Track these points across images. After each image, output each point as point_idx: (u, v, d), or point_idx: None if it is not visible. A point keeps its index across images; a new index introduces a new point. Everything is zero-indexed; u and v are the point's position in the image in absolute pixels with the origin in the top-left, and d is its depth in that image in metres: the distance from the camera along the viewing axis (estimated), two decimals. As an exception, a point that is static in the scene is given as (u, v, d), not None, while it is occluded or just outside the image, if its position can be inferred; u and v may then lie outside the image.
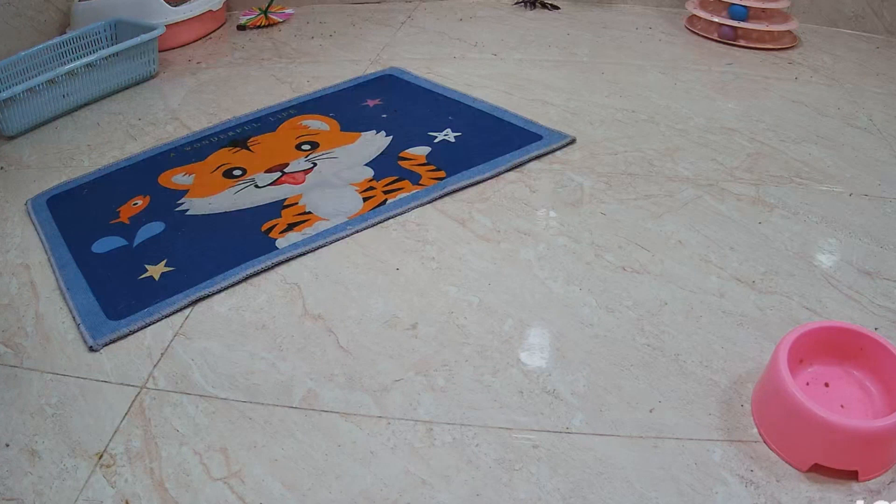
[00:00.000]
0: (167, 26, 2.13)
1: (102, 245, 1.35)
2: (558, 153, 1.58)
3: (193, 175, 1.56)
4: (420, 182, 1.47)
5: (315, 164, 1.56)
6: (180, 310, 1.18)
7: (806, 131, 1.73)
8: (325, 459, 0.92)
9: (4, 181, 1.61)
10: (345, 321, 1.15)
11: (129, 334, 1.13)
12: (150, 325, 1.15)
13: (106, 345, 1.11)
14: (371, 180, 1.49)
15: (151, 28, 2.04)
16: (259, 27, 2.44)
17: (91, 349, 1.10)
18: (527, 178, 1.50)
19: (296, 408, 1.00)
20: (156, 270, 1.27)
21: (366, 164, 1.55)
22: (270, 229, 1.36)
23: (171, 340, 1.12)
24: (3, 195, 1.55)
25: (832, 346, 0.98)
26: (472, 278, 1.22)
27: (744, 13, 2.20)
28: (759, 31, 2.23)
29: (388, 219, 1.37)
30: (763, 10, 2.23)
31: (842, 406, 0.94)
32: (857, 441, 0.85)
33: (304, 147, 1.64)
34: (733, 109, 1.84)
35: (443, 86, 1.88)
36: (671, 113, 1.79)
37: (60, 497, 0.87)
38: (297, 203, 1.43)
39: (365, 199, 1.43)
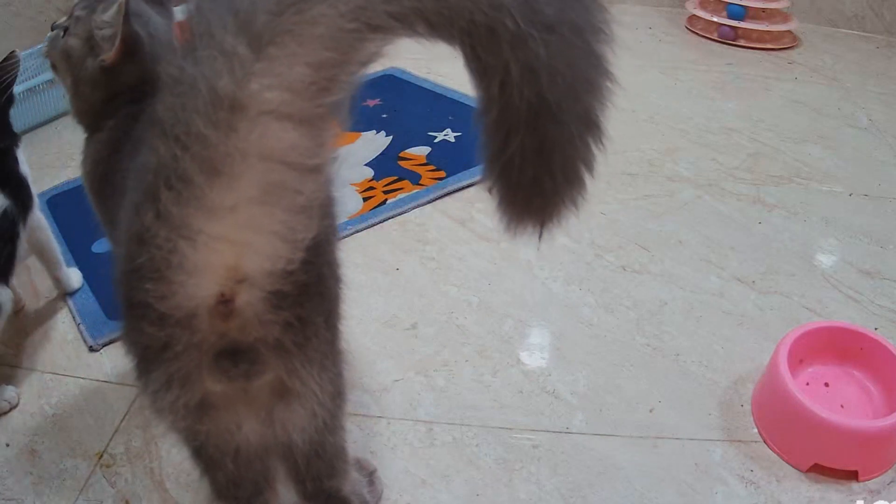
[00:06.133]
0: (167, 26, 2.13)
1: (102, 245, 1.35)
2: (558, 153, 1.58)
3: (193, 175, 1.56)
4: (420, 182, 1.47)
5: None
6: (180, 310, 1.18)
7: (806, 131, 1.73)
8: (325, 459, 0.92)
9: (4, 181, 1.61)
10: (345, 321, 1.14)
11: (129, 334, 1.13)
12: (150, 325, 1.15)
13: (106, 345, 1.10)
14: (371, 180, 1.49)
15: (151, 28, 2.04)
16: (259, 27, 2.43)
17: (91, 349, 1.10)
18: (527, 178, 1.49)
19: (296, 408, 1.00)
20: (156, 270, 1.26)
21: (366, 164, 1.55)
22: (270, 229, 1.36)
23: (171, 340, 1.12)
24: (3, 195, 1.55)
25: (832, 346, 0.98)
26: (472, 278, 1.22)
27: (741, 13, 2.20)
28: (758, 31, 2.23)
29: (388, 219, 1.37)
30: (763, 10, 2.23)
31: (842, 406, 0.94)
32: (857, 441, 0.85)
33: (304, 147, 1.63)
34: (733, 109, 1.84)
35: (443, 86, 1.88)
36: (671, 113, 1.79)
37: (60, 497, 0.87)
38: (297, 203, 1.43)
39: (365, 199, 1.42)
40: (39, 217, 1.09)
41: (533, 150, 0.44)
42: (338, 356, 0.62)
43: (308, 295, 0.52)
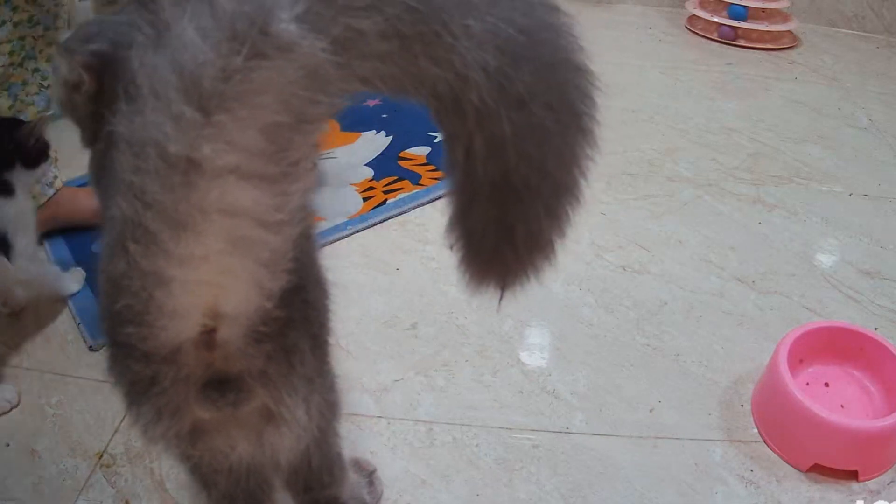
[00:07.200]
0: (167, 26, 2.12)
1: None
2: (558, 153, 1.58)
3: (193, 175, 1.56)
4: (420, 182, 1.47)
5: (315, 164, 1.56)
6: (180, 310, 1.17)
7: (806, 131, 1.73)
8: (325, 459, 0.92)
9: (4, 181, 1.61)
10: (345, 321, 1.15)
11: (129, 334, 1.12)
12: (150, 325, 1.14)
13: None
14: (371, 180, 1.49)
15: (151, 28, 2.03)
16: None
17: (91, 349, 1.10)
18: (527, 178, 1.49)
19: (296, 408, 1.00)
20: (156, 270, 1.26)
21: (366, 165, 1.55)
22: (270, 229, 1.35)
23: (171, 340, 1.12)
24: (3, 195, 1.55)
25: (832, 346, 0.98)
26: (472, 278, 1.22)
27: (743, 13, 2.20)
28: (759, 31, 2.23)
29: (388, 219, 1.37)
30: (763, 10, 2.23)
31: (842, 406, 0.94)
32: (857, 441, 0.85)
33: (304, 147, 1.63)
34: (733, 109, 1.84)
35: (443, 86, 1.88)
36: (671, 113, 1.79)
37: (60, 497, 0.87)
38: (297, 203, 1.43)
39: (365, 199, 1.42)
40: (25, 269, 1.05)
41: (495, 222, 0.42)
42: (328, 374, 0.61)
43: (291, 326, 0.52)
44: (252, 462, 0.59)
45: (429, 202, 1.41)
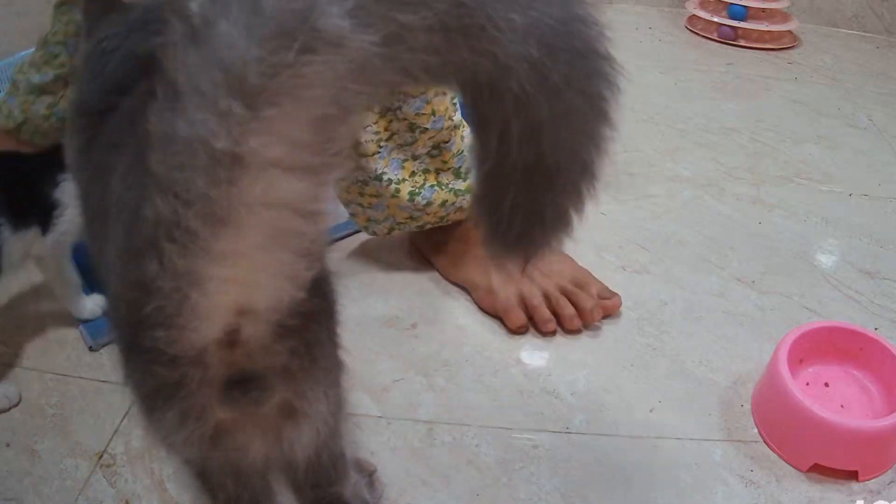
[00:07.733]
0: (167, 26, 2.12)
1: (102, 245, 1.34)
2: (558, 153, 1.58)
3: (193, 175, 1.55)
4: (420, 182, 1.46)
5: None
6: (180, 310, 1.17)
7: (806, 131, 1.73)
8: (325, 459, 0.92)
9: (4, 181, 1.60)
10: (345, 321, 1.14)
11: (129, 334, 1.12)
12: (150, 325, 1.14)
13: (106, 345, 1.10)
14: (371, 180, 1.48)
15: (151, 28, 2.03)
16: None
17: (91, 349, 1.10)
18: (527, 178, 1.49)
19: (296, 408, 1.00)
20: (156, 270, 1.26)
21: (366, 164, 1.54)
22: (270, 229, 1.35)
23: (171, 340, 1.11)
24: (3, 195, 1.55)
25: (832, 346, 0.98)
26: (472, 278, 1.22)
27: (743, 13, 2.20)
28: (759, 31, 2.23)
29: (388, 219, 1.37)
30: (763, 10, 2.23)
31: (842, 406, 0.94)
32: (857, 441, 0.86)
33: (304, 147, 1.63)
34: (733, 109, 1.84)
35: (443, 86, 1.88)
36: (671, 113, 1.79)
37: (60, 497, 0.87)
38: (297, 203, 1.42)
39: (365, 199, 1.42)
40: (49, 251, 1.01)
41: (526, 204, 0.45)
42: (340, 368, 0.62)
43: (313, 319, 0.52)
44: (264, 462, 0.59)
45: (429, 202, 1.41)
